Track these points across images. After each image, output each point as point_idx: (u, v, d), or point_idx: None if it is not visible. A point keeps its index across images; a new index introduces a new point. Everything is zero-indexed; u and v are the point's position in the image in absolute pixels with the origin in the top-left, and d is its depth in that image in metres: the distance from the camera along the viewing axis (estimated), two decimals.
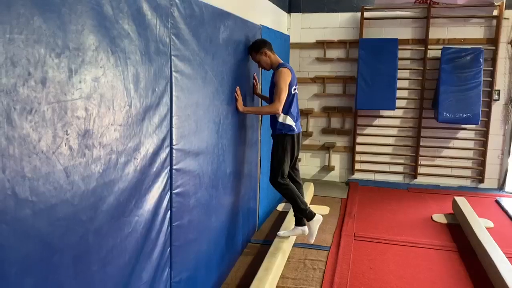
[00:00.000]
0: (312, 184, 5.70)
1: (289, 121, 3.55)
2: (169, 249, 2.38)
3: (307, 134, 6.41)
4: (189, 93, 2.48)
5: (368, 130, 6.29)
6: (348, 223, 4.61)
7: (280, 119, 3.54)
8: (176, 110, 2.34)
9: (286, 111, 3.54)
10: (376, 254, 3.89)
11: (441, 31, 5.87)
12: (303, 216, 3.71)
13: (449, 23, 5.84)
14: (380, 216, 4.87)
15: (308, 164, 6.56)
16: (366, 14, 6.00)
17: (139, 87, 1.95)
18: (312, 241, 3.78)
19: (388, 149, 6.27)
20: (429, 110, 5.95)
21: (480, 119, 5.62)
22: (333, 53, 6.24)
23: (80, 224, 1.61)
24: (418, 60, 5.97)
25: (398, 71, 5.94)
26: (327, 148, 6.38)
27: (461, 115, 5.59)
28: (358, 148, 6.35)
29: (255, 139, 4.01)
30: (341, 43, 6.18)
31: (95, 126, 1.66)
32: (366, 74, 5.85)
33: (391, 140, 6.24)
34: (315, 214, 3.72)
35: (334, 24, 6.18)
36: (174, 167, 2.36)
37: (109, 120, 1.74)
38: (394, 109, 5.85)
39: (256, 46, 3.55)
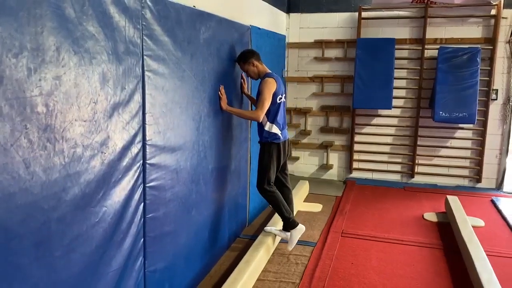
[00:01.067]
0: (307, 182, 5.77)
1: (275, 129, 3.63)
2: (142, 239, 2.50)
3: (306, 133, 6.49)
4: (164, 91, 2.60)
5: (366, 129, 6.33)
6: (338, 220, 4.67)
7: (266, 128, 3.63)
8: (150, 108, 2.46)
9: (272, 119, 3.63)
10: (360, 250, 3.95)
11: (438, 30, 5.87)
12: (286, 224, 3.79)
13: (447, 22, 5.85)
14: (371, 214, 4.92)
15: (306, 163, 6.63)
16: (364, 14, 6.04)
17: (106, 85, 2.07)
18: (290, 249, 3.85)
19: (386, 148, 6.29)
20: (426, 109, 5.96)
21: (477, 118, 5.62)
22: (331, 53, 6.29)
23: (41, 212, 1.74)
24: (416, 60, 5.99)
25: (396, 70, 5.97)
26: (325, 146, 6.44)
27: (457, 114, 5.59)
28: (356, 147, 6.39)
29: (244, 137, 4.11)
30: (339, 43, 6.23)
31: (57, 121, 1.78)
32: (363, 73, 5.89)
33: (389, 139, 6.27)
34: (298, 224, 3.80)
35: (332, 24, 6.24)
36: (147, 161, 2.48)
37: (73, 115, 1.87)
38: (390, 109, 5.89)
39: (243, 57, 3.65)
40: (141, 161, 2.43)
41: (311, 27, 6.32)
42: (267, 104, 3.50)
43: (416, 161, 6.16)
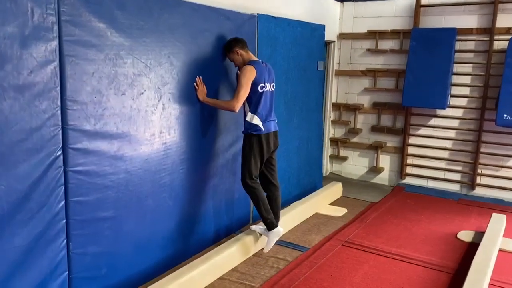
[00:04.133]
0: (340, 184, 5.35)
1: (256, 120, 3.42)
2: (64, 221, 2.55)
3: (355, 131, 6.02)
4: (96, 77, 2.60)
5: (422, 131, 5.64)
6: (351, 228, 4.25)
7: (248, 118, 3.44)
8: (72, 93, 2.49)
9: (254, 110, 3.42)
10: (352, 263, 3.54)
11: None
12: (264, 223, 3.57)
13: None
14: (396, 225, 4.38)
15: (355, 164, 6.16)
16: (423, 1, 5.36)
17: (4, 69, 2.14)
18: (266, 251, 3.62)
19: (444, 154, 5.54)
20: (492, 111, 5.09)
21: None
22: (386, 44, 5.73)
23: None
24: (483, 53, 5.15)
25: (457, 65, 5.24)
26: (376, 147, 5.90)
27: None
28: (410, 150, 5.74)
29: (232, 129, 3.89)
30: (394, 33, 5.63)
31: None
32: (416, 67, 5.26)
33: (447, 144, 5.51)
34: (276, 226, 3.56)
35: (388, 13, 5.66)
36: (70, 146, 2.52)
37: None
38: (444, 108, 5.16)
39: (227, 46, 3.50)
40: (60, 145, 2.47)
41: (366, 16, 5.82)
42: (243, 93, 3.30)
43: (478, 171, 5.31)
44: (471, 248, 3.83)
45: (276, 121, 3.63)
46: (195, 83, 3.35)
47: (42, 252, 2.47)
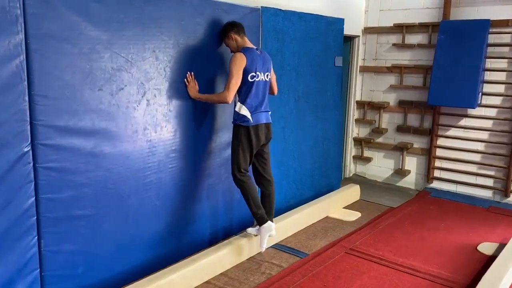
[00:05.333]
0: (358, 187, 5.06)
1: (244, 111, 3.25)
2: (34, 218, 2.51)
3: (379, 131, 5.68)
4: (69, 72, 2.54)
5: (451, 132, 5.22)
6: (359, 234, 3.98)
7: (236, 108, 3.28)
8: (41, 88, 2.43)
9: (243, 100, 3.26)
10: (351, 272, 3.29)
11: None
12: (254, 218, 3.40)
13: None
14: (410, 233, 4.05)
15: (380, 165, 5.82)
16: None
17: None
18: (262, 250, 3.43)
19: (475, 157, 5.10)
20: None
21: None
22: (413, 39, 5.35)
23: None
24: None
25: (491, 60, 4.80)
26: (402, 149, 5.54)
27: None
28: (438, 152, 5.33)
29: (231, 127, 3.71)
30: (422, 27, 5.24)
31: None
32: (444, 63, 4.86)
33: (479, 146, 5.06)
34: (266, 221, 3.38)
35: (417, 4, 5.28)
36: (40, 142, 2.47)
37: None
38: (474, 107, 4.73)
39: (222, 31, 3.35)
40: (29, 141, 2.43)
41: (393, 8, 5.46)
42: (234, 82, 3.14)
43: None
44: (490, 262, 3.45)
45: (269, 112, 3.43)
46: (185, 79, 3.23)
47: (10, 249, 2.44)
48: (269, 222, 3.38)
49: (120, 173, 2.92)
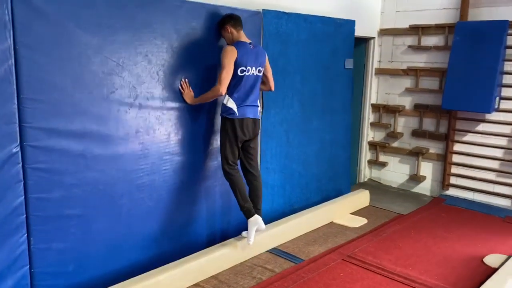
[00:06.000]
0: (367, 192, 4.96)
1: (231, 104, 3.25)
2: (23, 216, 2.61)
3: (394, 135, 5.54)
4: (59, 76, 2.62)
5: (468, 137, 5.02)
6: (361, 241, 3.90)
7: (224, 100, 3.29)
8: (30, 92, 2.52)
9: (230, 93, 3.27)
10: (345, 280, 3.22)
11: None
12: (242, 212, 3.40)
13: None
14: (415, 241, 3.92)
15: (395, 171, 5.68)
16: None
17: None
18: (250, 243, 3.40)
19: (494, 164, 4.88)
20: None
21: None
22: (429, 41, 5.18)
23: None
24: None
25: (511, 63, 4.57)
26: (417, 154, 5.38)
27: None
28: (455, 158, 5.15)
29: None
30: (439, 28, 5.07)
31: None
32: (459, 66, 4.69)
33: (498, 153, 4.84)
34: (253, 214, 3.37)
35: (434, 5, 5.11)
36: (29, 143, 2.56)
37: None
38: (490, 112, 4.53)
39: (220, 22, 3.36)
40: (18, 142, 2.52)
41: (409, 9, 5.32)
42: (225, 74, 3.15)
43: None
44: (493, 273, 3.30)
45: (257, 107, 3.42)
46: (180, 87, 3.26)
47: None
48: (256, 216, 3.37)
49: (111, 174, 2.98)
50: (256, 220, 3.37)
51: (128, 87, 2.98)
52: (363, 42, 5.58)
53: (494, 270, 3.40)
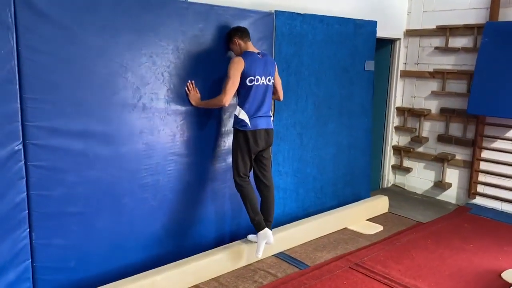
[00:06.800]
0: (386, 199, 4.80)
1: (243, 115, 3.23)
2: (26, 212, 2.70)
3: (419, 140, 5.34)
4: (60, 77, 2.68)
5: (497, 144, 4.76)
6: (372, 249, 3.78)
7: (236, 112, 3.27)
8: (33, 92, 2.60)
9: (242, 104, 3.24)
10: None
11: None
12: (252, 224, 3.36)
13: None
14: (430, 252, 3.76)
15: (420, 177, 5.47)
16: None
17: None
18: (258, 256, 3.36)
19: None
20: None
21: None
22: (457, 42, 4.95)
23: None
24: None
25: None
26: (442, 160, 5.16)
27: None
28: (482, 166, 4.89)
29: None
30: (467, 29, 4.83)
31: None
32: (487, 68, 4.47)
33: None
34: (263, 227, 3.33)
35: (462, 5, 4.88)
36: (32, 141, 2.65)
37: None
38: None
39: (227, 35, 3.36)
40: (20, 140, 2.61)
41: (437, 9, 5.10)
42: (230, 85, 3.13)
43: None
44: None
45: (270, 118, 3.39)
46: (186, 88, 3.27)
47: (2, 239, 2.62)
48: (266, 229, 3.33)
49: (114, 174, 3.03)
50: (265, 234, 3.33)
51: (132, 88, 3.02)
52: (388, 44, 5.42)
53: (511, 285, 3.21)
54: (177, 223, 3.43)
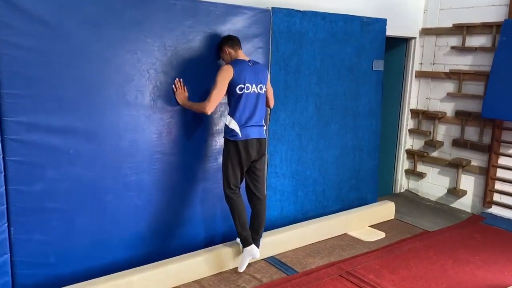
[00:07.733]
0: (392, 205, 4.58)
1: (233, 125, 3.12)
2: (4, 206, 2.71)
3: (433, 144, 5.08)
4: (40, 73, 2.67)
5: None
6: (367, 257, 3.60)
7: (226, 121, 3.17)
8: (10, 87, 2.59)
9: (232, 113, 3.14)
10: None
11: None
12: (239, 238, 3.27)
13: None
14: (431, 263, 3.54)
15: (434, 183, 5.21)
16: None
17: None
18: (240, 270, 3.29)
19: None
20: None
21: None
22: (475, 41, 4.68)
23: None
24: None
25: None
26: (457, 165, 4.89)
27: None
28: (499, 173, 4.60)
29: None
30: (486, 27, 4.55)
31: None
32: (504, 69, 4.19)
33: None
34: (250, 244, 3.24)
35: (481, 2, 4.60)
36: (10, 136, 2.66)
37: None
38: None
39: (219, 44, 3.27)
40: None
41: (454, 7, 4.84)
42: (216, 93, 3.04)
43: None
44: None
45: (263, 127, 3.26)
46: (173, 86, 3.22)
47: None
48: (252, 245, 3.25)
49: (96, 171, 3.01)
50: (251, 251, 3.25)
51: (115, 84, 2.99)
52: (402, 43, 5.19)
53: None
54: (164, 223, 3.38)
